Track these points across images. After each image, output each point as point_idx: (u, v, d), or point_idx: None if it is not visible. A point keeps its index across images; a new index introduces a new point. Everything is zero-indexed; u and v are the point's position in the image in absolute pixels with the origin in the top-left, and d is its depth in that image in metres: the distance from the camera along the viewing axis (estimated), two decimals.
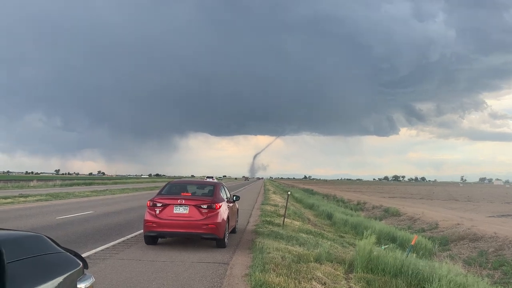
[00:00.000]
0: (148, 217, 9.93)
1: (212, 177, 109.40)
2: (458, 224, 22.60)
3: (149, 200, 10.23)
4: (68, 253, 2.66)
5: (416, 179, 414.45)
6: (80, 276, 2.63)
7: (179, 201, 9.90)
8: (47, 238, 2.55)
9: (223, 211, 10.27)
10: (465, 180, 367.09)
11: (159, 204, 9.94)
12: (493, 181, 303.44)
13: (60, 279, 2.37)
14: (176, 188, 11.06)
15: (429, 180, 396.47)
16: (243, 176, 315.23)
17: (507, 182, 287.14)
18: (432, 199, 57.25)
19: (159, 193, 10.59)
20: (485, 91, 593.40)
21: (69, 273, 2.49)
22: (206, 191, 11.13)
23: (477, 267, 14.60)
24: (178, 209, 9.83)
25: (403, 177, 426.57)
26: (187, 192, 10.85)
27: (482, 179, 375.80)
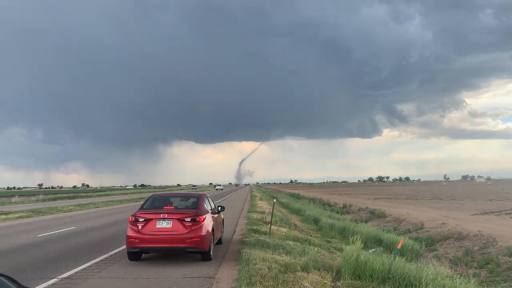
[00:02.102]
0: (130, 232, 9.70)
1: (220, 185, 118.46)
2: (443, 223, 22.82)
3: (131, 215, 9.98)
4: None
5: (400, 179, 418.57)
6: None
7: (161, 215, 9.68)
8: (5, 281, 2.38)
9: (208, 223, 10.10)
10: (448, 178, 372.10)
11: (141, 219, 9.71)
12: (475, 178, 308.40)
13: None
14: (159, 201, 10.83)
15: (413, 180, 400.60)
16: (230, 183, 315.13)
17: (488, 179, 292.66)
18: (417, 199, 57.85)
19: (141, 208, 10.34)
20: (465, 90, 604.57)
21: None
22: (189, 203, 10.94)
23: (463, 267, 14.71)
24: (161, 223, 9.62)
25: (388, 177, 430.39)
26: (170, 205, 10.62)
27: (465, 177, 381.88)
